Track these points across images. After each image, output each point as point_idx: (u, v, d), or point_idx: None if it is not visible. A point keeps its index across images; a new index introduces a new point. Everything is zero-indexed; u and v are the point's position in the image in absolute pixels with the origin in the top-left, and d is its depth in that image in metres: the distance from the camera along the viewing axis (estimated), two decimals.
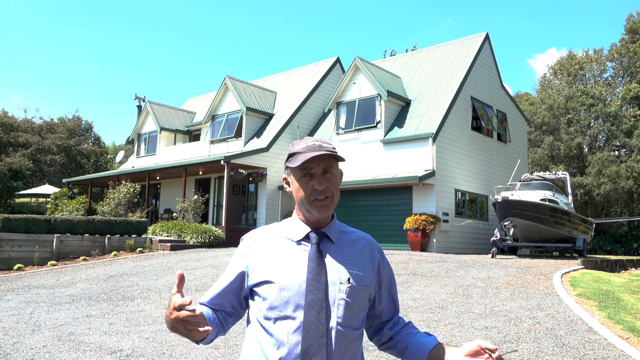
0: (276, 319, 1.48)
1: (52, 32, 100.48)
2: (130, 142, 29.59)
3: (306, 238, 1.59)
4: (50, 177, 37.04)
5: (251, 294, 1.60)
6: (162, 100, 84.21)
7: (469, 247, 17.55)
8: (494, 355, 1.48)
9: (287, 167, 1.63)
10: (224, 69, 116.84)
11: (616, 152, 32.67)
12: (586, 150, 33.71)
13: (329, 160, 1.58)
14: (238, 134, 22.03)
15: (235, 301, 1.63)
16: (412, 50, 26.87)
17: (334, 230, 1.64)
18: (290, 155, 1.60)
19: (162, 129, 25.54)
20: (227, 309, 1.63)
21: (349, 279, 1.54)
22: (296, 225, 1.62)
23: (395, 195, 17.24)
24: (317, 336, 1.45)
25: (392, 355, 1.71)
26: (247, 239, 1.65)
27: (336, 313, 1.50)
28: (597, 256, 20.54)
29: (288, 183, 1.66)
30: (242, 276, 1.61)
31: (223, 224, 18.88)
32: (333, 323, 1.49)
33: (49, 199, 30.04)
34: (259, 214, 20.30)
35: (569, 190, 17.77)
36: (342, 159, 1.60)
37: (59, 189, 29.20)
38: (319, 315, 1.47)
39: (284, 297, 1.48)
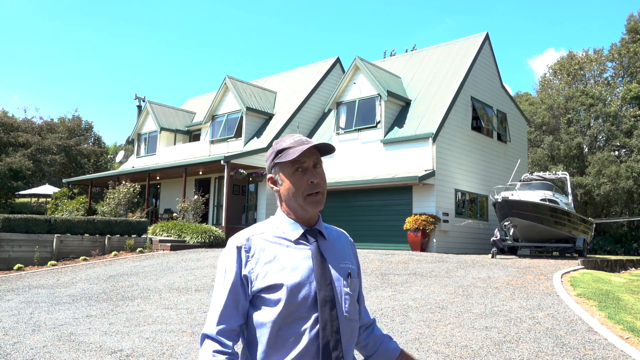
0: (291, 321, 1.48)
1: (52, 32, 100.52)
2: (130, 142, 29.60)
3: (303, 237, 1.58)
4: (50, 177, 37.02)
5: (255, 299, 1.54)
6: (162, 100, 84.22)
7: (469, 247, 17.55)
8: None
9: (275, 165, 1.61)
10: (224, 69, 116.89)
11: (616, 152, 32.67)
12: (586, 150, 33.70)
13: (317, 154, 1.61)
14: (238, 134, 22.03)
15: (243, 312, 1.55)
16: (412, 50, 26.89)
17: (322, 227, 1.66)
18: (280, 152, 1.59)
19: (162, 129, 25.55)
20: (237, 326, 1.54)
21: (349, 274, 1.60)
22: (290, 225, 1.60)
23: (395, 195, 17.24)
24: (333, 332, 1.48)
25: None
26: (239, 243, 1.56)
27: (343, 307, 1.54)
28: (597, 256, 20.55)
29: (274, 182, 1.64)
30: (245, 283, 1.54)
31: (223, 224, 18.88)
32: (342, 317, 1.53)
33: (49, 199, 30.04)
34: (259, 214, 20.30)
35: (569, 190, 17.77)
36: (334, 150, 1.63)
37: (59, 189, 29.21)
38: (332, 311, 1.50)
39: (296, 298, 1.48)
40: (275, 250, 1.55)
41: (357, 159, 18.59)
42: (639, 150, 29.94)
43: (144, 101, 29.34)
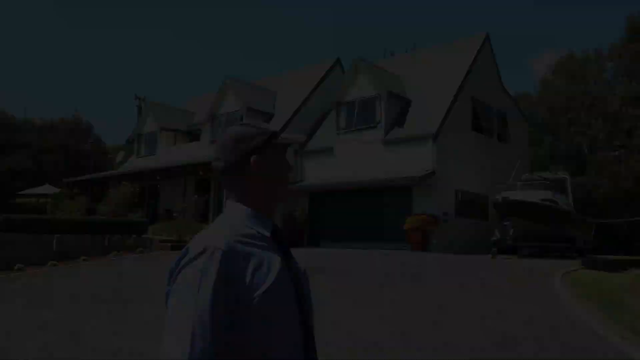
0: (289, 318, 1.38)
1: (52, 32, 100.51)
2: (130, 142, 29.60)
3: (273, 232, 1.44)
4: (51, 177, 37.03)
5: (254, 303, 1.34)
6: (162, 99, 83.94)
7: (469, 247, 17.54)
8: None
9: (268, 146, 1.44)
10: (224, 69, 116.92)
11: (616, 152, 32.65)
12: (586, 150, 33.69)
13: None
14: None
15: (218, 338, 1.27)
16: (412, 50, 26.89)
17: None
18: (275, 134, 1.47)
19: (162, 129, 25.53)
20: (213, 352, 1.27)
21: (305, 270, 1.49)
22: (261, 221, 1.43)
23: (395, 195, 17.23)
24: (312, 325, 1.42)
25: None
26: (223, 247, 1.28)
27: (309, 302, 1.47)
28: (597, 256, 20.51)
29: (261, 167, 1.42)
30: (233, 299, 1.29)
31: None
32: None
33: (49, 199, 30.01)
34: None
35: (569, 190, 17.76)
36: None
37: (59, 189, 29.18)
38: (308, 304, 1.44)
39: (288, 295, 1.39)
40: (259, 251, 1.37)
41: (357, 159, 18.57)
42: (639, 150, 29.92)
43: (144, 101, 29.35)
